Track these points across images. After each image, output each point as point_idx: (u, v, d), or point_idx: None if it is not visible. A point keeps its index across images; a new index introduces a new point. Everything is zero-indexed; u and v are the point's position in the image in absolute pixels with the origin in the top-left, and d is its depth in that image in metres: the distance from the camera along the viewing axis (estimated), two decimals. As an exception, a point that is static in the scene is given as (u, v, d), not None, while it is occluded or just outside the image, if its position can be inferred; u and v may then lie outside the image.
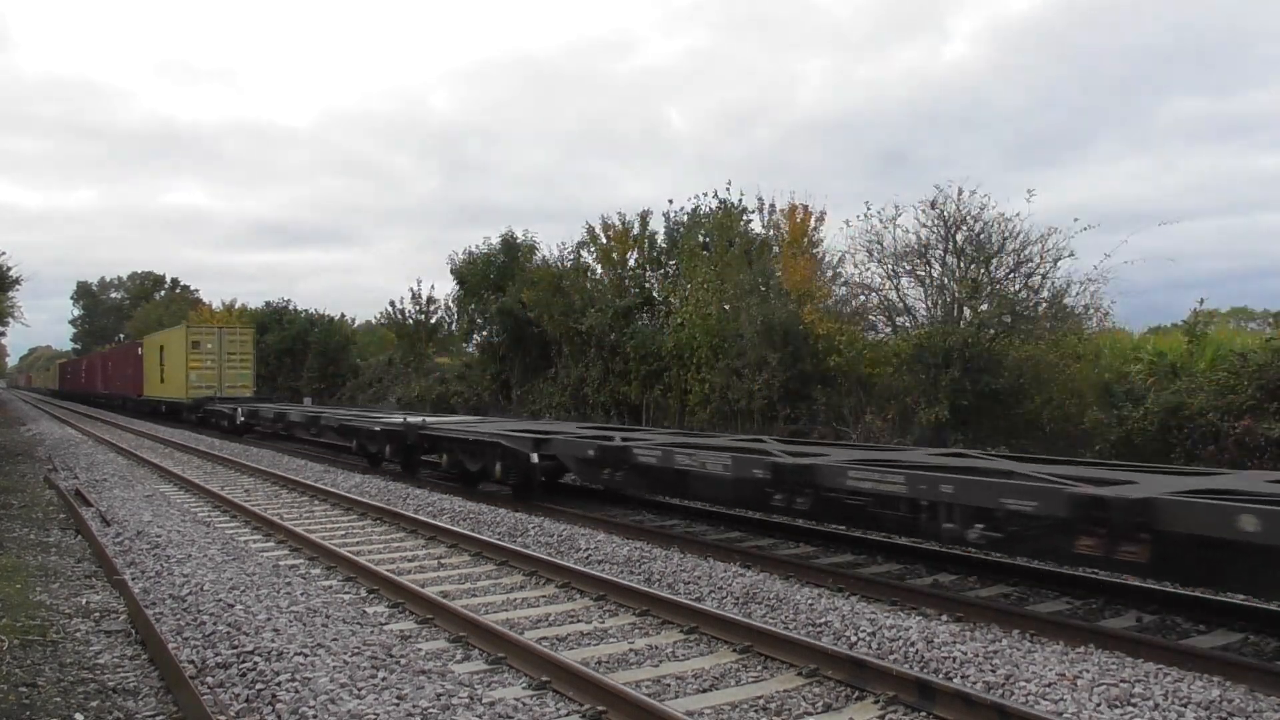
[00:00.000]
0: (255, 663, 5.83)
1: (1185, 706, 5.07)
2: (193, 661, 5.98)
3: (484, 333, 29.03)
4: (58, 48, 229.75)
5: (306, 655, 5.94)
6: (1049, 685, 5.31)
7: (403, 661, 5.86)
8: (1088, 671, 5.51)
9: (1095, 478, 6.92)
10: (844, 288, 18.31)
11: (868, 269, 16.83)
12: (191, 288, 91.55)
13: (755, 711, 5.31)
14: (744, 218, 22.05)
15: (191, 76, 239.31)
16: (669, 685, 5.75)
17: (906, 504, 7.57)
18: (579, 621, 7.22)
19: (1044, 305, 15.09)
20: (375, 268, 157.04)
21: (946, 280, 15.85)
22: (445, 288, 36.04)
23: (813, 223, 20.43)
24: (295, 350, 43.10)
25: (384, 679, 5.52)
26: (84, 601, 7.70)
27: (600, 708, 5.16)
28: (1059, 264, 14.89)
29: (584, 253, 25.38)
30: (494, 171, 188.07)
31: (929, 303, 16.19)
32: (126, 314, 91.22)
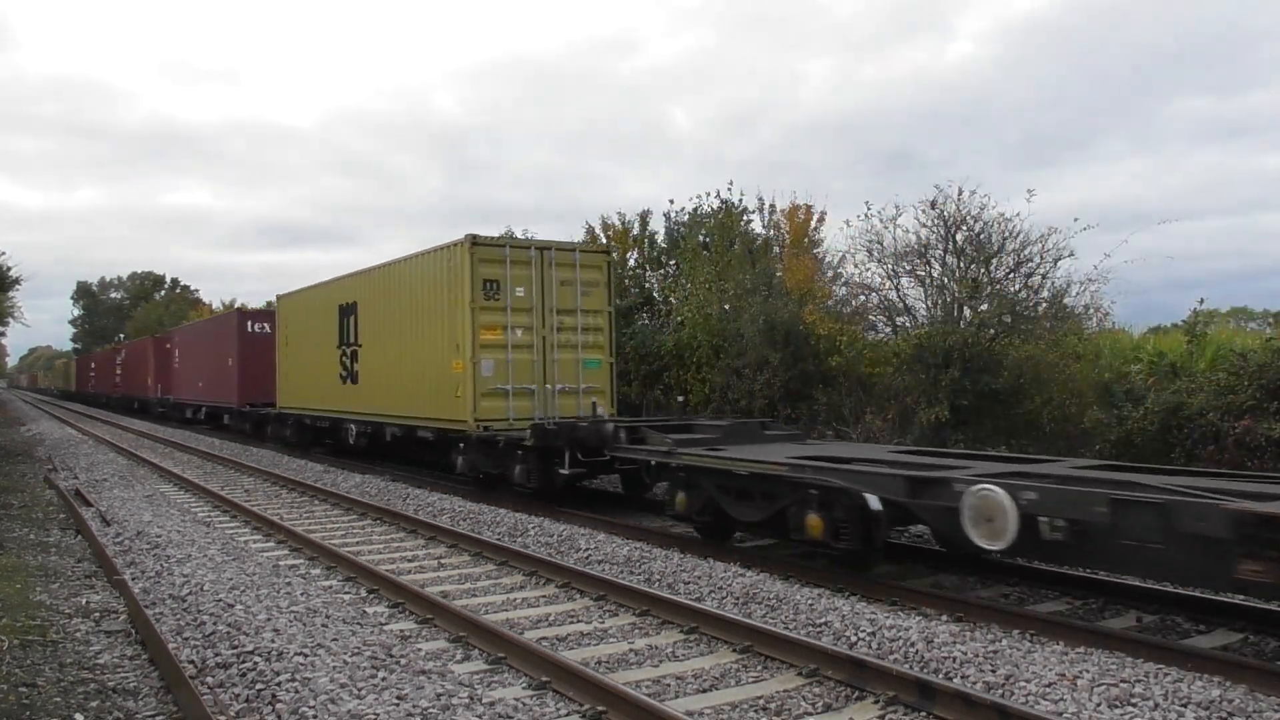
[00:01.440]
0: (255, 663, 5.83)
1: (1185, 706, 5.07)
2: (193, 661, 5.98)
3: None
4: (60, 48, 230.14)
5: (306, 655, 5.94)
6: (1049, 685, 5.31)
7: (403, 661, 5.86)
8: (1088, 671, 5.51)
9: None
10: (844, 288, 18.33)
11: (868, 269, 16.84)
12: (192, 288, 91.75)
13: (755, 711, 5.31)
14: (745, 218, 22.08)
15: (194, 76, 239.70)
16: (669, 685, 5.75)
17: None
18: (579, 621, 7.22)
19: (1044, 305, 15.09)
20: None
21: (946, 280, 15.84)
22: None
23: (813, 223, 20.46)
24: None
25: (384, 679, 5.52)
26: (84, 601, 7.70)
27: (600, 708, 5.16)
28: (1059, 264, 14.90)
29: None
30: (496, 171, 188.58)
31: (929, 303, 16.19)
32: (126, 314, 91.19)
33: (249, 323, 25.98)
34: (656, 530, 10.74)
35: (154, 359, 38.14)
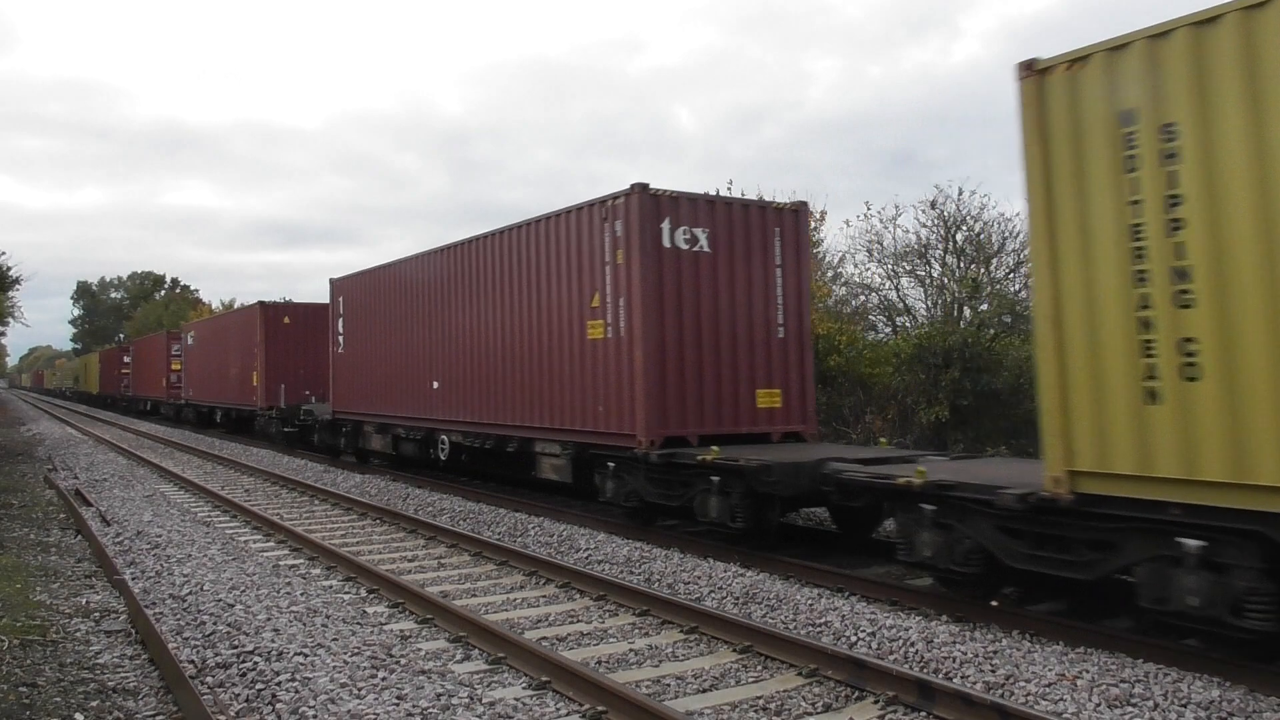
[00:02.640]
0: (255, 663, 5.83)
1: (1185, 706, 5.07)
2: (193, 661, 5.97)
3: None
4: (66, 48, 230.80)
5: (306, 655, 5.94)
6: (1049, 685, 5.31)
7: (403, 661, 5.86)
8: (1088, 671, 5.51)
9: None
10: (844, 288, 18.33)
11: (868, 269, 16.86)
12: (191, 287, 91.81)
13: (755, 711, 5.31)
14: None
15: (199, 77, 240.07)
16: (669, 685, 5.75)
17: None
18: (579, 621, 7.22)
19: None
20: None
21: (946, 280, 15.87)
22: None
23: (813, 222, 20.43)
24: None
25: (384, 679, 5.52)
26: (84, 601, 7.69)
27: (600, 708, 5.16)
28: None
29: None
30: (501, 171, 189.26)
31: (929, 303, 16.25)
32: (126, 314, 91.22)
33: (670, 226, 10.43)
34: (656, 530, 10.67)
35: (266, 343, 23.02)
